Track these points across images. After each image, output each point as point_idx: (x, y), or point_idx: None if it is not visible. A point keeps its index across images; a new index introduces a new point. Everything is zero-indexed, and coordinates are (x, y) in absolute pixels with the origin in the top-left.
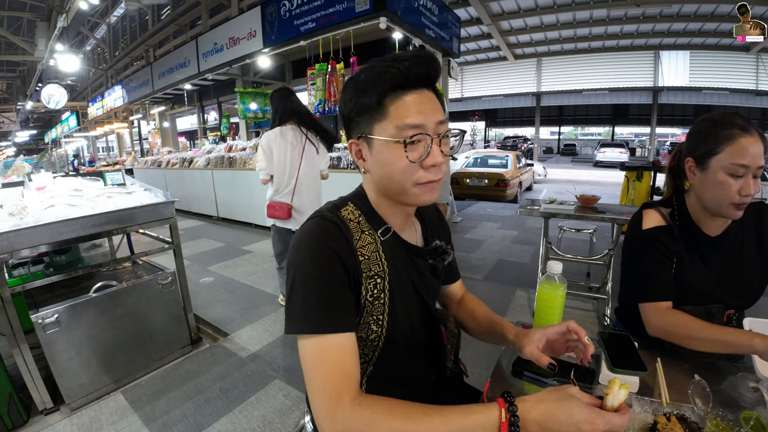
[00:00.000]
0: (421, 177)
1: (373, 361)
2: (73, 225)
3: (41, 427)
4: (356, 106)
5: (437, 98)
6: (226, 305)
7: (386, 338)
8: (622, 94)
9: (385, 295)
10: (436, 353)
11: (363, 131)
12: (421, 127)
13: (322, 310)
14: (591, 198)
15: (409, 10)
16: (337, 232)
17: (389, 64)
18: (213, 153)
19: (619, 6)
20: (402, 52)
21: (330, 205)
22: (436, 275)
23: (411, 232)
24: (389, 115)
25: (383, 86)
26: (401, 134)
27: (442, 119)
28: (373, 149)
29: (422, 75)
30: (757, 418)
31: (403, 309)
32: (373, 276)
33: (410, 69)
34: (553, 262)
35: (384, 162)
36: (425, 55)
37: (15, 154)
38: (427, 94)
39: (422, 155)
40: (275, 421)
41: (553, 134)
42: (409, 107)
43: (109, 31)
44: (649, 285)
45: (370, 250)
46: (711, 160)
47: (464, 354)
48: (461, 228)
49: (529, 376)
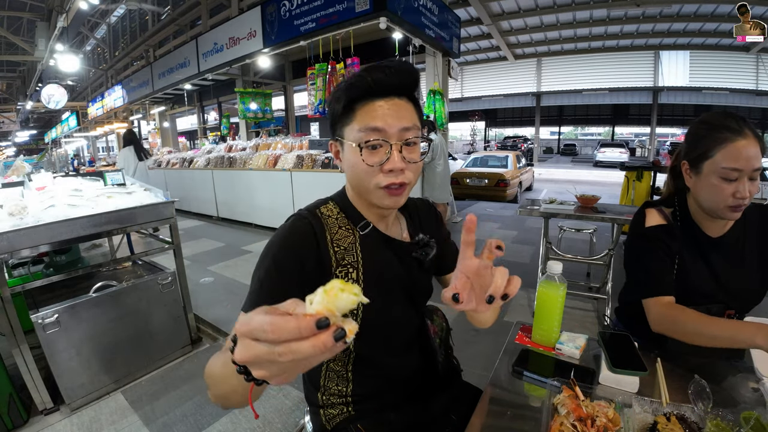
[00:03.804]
0: (380, 181)
1: (352, 356)
2: (73, 225)
3: (41, 427)
4: (332, 111)
5: (413, 107)
6: (226, 305)
7: (362, 331)
8: (622, 94)
9: (359, 285)
10: (427, 350)
11: (336, 133)
12: (380, 131)
13: (256, 296)
14: (591, 198)
15: (409, 10)
16: (307, 229)
17: (363, 75)
18: (213, 153)
19: (619, 6)
20: (384, 61)
21: (313, 203)
22: (423, 269)
23: (395, 228)
24: (356, 119)
25: (353, 93)
26: (361, 137)
27: (407, 126)
28: (344, 150)
29: (393, 85)
30: (757, 418)
31: (382, 302)
32: (346, 265)
33: (380, 80)
34: (553, 262)
35: (350, 163)
36: (399, 67)
37: (15, 154)
38: (398, 102)
39: (382, 160)
40: (275, 421)
41: (553, 134)
42: (373, 112)
43: (109, 31)
44: (651, 281)
45: (347, 242)
46: (704, 164)
47: (464, 354)
48: (461, 228)
49: (529, 376)
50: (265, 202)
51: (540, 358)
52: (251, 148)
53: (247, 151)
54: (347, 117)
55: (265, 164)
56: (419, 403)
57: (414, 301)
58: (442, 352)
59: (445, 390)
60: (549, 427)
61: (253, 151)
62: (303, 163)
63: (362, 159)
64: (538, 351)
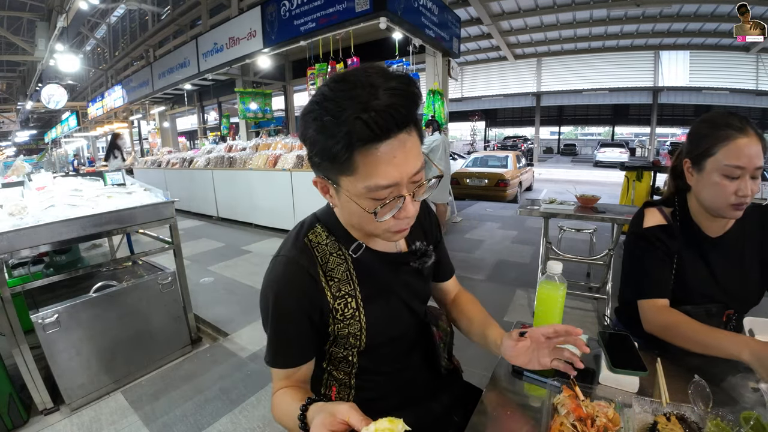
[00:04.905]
0: (392, 226)
1: (356, 368)
2: (73, 225)
3: (41, 427)
4: (320, 149)
5: (416, 133)
6: (226, 305)
7: (366, 349)
8: (622, 94)
9: (359, 313)
10: (430, 352)
11: (329, 176)
12: (393, 186)
13: (276, 346)
14: (591, 198)
15: (409, 10)
16: (298, 272)
17: (356, 116)
18: (213, 153)
19: (619, 6)
20: (375, 84)
21: (297, 229)
22: (422, 277)
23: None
24: (357, 172)
25: (351, 143)
26: (371, 195)
27: (417, 169)
28: (340, 197)
29: (398, 122)
30: (757, 418)
31: (386, 319)
32: (344, 296)
33: (381, 123)
34: (553, 262)
35: (351, 212)
36: (400, 101)
37: (15, 154)
38: (403, 139)
39: (393, 210)
40: (275, 422)
41: (553, 134)
42: (379, 163)
43: (109, 31)
44: (648, 282)
45: (340, 271)
46: (707, 162)
47: (464, 354)
48: (461, 228)
49: (529, 376)
50: (265, 202)
51: None
52: (251, 148)
53: (247, 151)
54: (344, 167)
55: (265, 164)
56: (421, 403)
57: (414, 309)
58: (445, 355)
59: (446, 390)
60: (549, 427)
61: (253, 151)
62: (303, 163)
63: (371, 214)
64: None
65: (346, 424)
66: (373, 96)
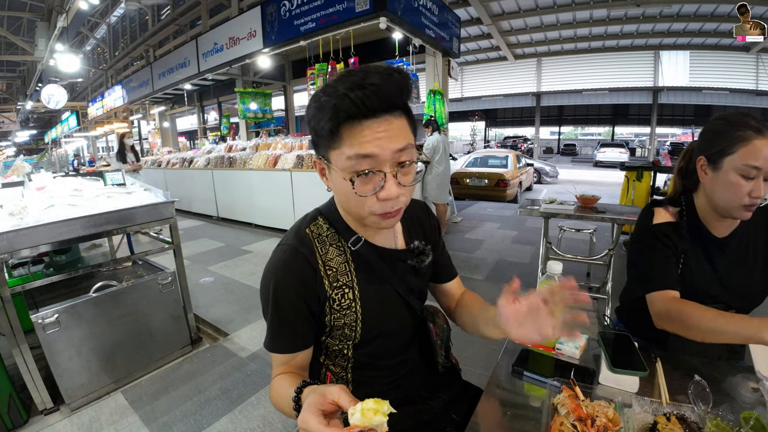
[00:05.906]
0: (375, 208)
1: (351, 362)
2: (73, 225)
3: (41, 427)
4: (315, 127)
5: (406, 119)
6: (226, 305)
7: (361, 342)
8: (622, 94)
9: (356, 304)
10: (426, 349)
11: (321, 153)
12: (373, 157)
13: (275, 332)
14: (591, 198)
15: (409, 10)
16: (298, 260)
17: (345, 94)
18: (213, 153)
19: (619, 6)
20: (370, 71)
21: (300, 221)
22: (419, 275)
23: (388, 236)
24: (343, 143)
25: (337, 116)
26: (352, 166)
27: (401, 147)
28: (331, 174)
29: (382, 104)
30: (757, 418)
31: (382, 313)
32: (341, 286)
33: (365, 100)
34: (553, 262)
35: (340, 190)
36: (386, 80)
37: (15, 154)
38: (389, 120)
39: (375, 188)
40: (275, 421)
41: (553, 134)
42: (362, 137)
43: (109, 31)
44: (658, 275)
45: (338, 262)
46: (724, 160)
47: (463, 353)
48: (461, 228)
49: (529, 376)
50: (265, 202)
51: (540, 358)
52: (251, 148)
53: (247, 151)
54: (332, 140)
55: (265, 164)
56: (420, 402)
57: (411, 306)
58: (442, 352)
59: (446, 390)
60: (549, 427)
61: (253, 151)
62: (303, 163)
63: (353, 189)
64: (538, 351)
65: (335, 404)
66: (365, 78)
